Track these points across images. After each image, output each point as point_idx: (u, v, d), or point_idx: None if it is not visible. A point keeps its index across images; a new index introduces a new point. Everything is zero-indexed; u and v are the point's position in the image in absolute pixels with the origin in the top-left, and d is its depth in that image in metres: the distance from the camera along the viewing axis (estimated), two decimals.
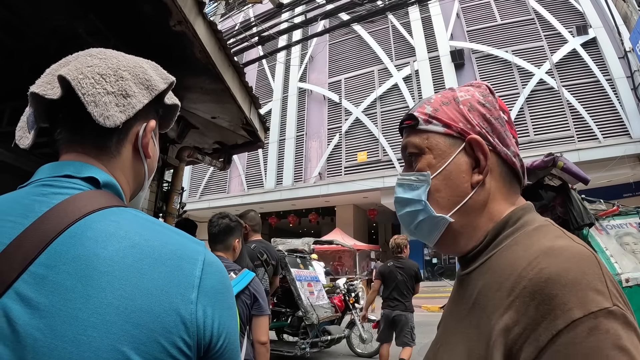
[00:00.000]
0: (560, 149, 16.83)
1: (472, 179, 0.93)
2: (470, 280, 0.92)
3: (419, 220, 0.96)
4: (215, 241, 3.08)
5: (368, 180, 21.70)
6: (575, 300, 0.64)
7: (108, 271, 0.70)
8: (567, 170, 4.36)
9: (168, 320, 0.71)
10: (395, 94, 23.51)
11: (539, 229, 0.86)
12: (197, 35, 3.22)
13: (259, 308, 2.88)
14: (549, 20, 20.90)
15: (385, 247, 29.97)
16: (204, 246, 0.85)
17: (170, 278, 0.75)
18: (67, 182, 0.83)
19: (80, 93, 0.81)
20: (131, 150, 0.95)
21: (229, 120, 4.73)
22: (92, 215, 0.77)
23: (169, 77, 1.01)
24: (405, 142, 1.03)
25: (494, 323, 0.74)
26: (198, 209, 26.77)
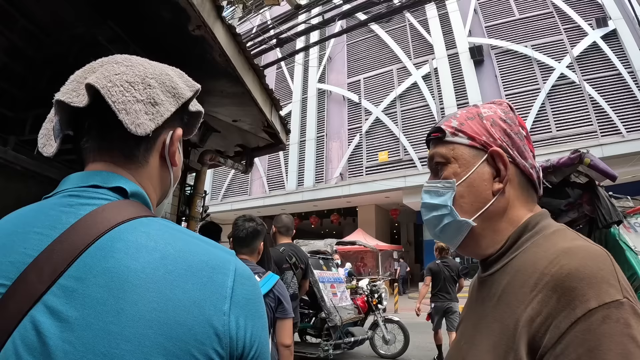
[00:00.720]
0: (583, 144, 16.66)
1: (493, 187, 1.04)
2: (494, 281, 1.01)
3: (444, 224, 1.07)
4: (241, 245, 3.06)
5: (389, 180, 21.62)
6: (592, 292, 0.73)
7: (139, 284, 0.70)
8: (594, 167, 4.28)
9: (201, 332, 0.70)
10: (415, 93, 23.41)
11: (557, 232, 0.96)
12: (216, 39, 3.22)
13: (284, 311, 2.87)
14: (567, 13, 20.58)
15: (408, 247, 30.01)
16: (235, 255, 0.85)
17: (203, 289, 0.74)
18: (94, 192, 0.82)
19: (110, 101, 0.80)
20: (158, 158, 0.95)
21: (250, 123, 4.74)
22: (121, 227, 0.76)
23: (195, 84, 1.01)
24: (432, 153, 1.14)
25: (518, 316, 0.83)
26: (220, 212, 26.97)
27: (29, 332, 0.65)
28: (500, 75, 21.14)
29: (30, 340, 0.65)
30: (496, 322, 0.91)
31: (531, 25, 21.53)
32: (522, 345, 0.79)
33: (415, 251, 30.94)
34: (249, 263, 2.98)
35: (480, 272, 1.13)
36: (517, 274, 0.92)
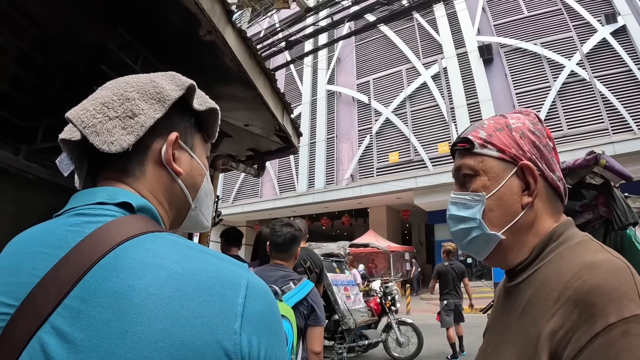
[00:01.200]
0: (595, 142, 16.59)
1: (522, 201, 1.04)
2: (519, 291, 1.03)
3: (472, 237, 1.07)
4: (279, 250, 3.05)
5: (400, 180, 21.59)
6: (612, 307, 0.74)
7: (144, 304, 0.68)
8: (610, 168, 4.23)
9: (210, 353, 0.68)
10: (425, 93, 23.37)
11: (581, 243, 0.97)
12: (227, 43, 3.21)
13: (316, 319, 2.86)
14: (576, 10, 20.46)
15: (419, 248, 29.93)
16: (247, 269, 0.81)
17: (211, 307, 0.71)
18: (100, 209, 0.81)
19: (80, 128, 0.81)
20: (157, 168, 0.92)
21: (262, 127, 4.73)
22: (127, 244, 0.75)
23: (186, 81, 0.97)
24: (459, 164, 1.13)
25: (541, 328, 0.84)
26: (231, 214, 27.05)
27: (37, 354, 0.65)
28: (510, 74, 21.04)
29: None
30: (520, 333, 0.93)
31: (540, 22, 21.43)
32: (543, 357, 0.81)
33: (427, 252, 30.83)
34: (284, 269, 3.00)
35: (506, 282, 1.14)
36: (541, 286, 0.94)
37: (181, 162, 0.94)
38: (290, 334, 2.46)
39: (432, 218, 25.22)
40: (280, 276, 2.91)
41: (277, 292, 2.71)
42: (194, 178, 0.99)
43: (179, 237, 0.83)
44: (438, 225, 25.17)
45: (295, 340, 2.54)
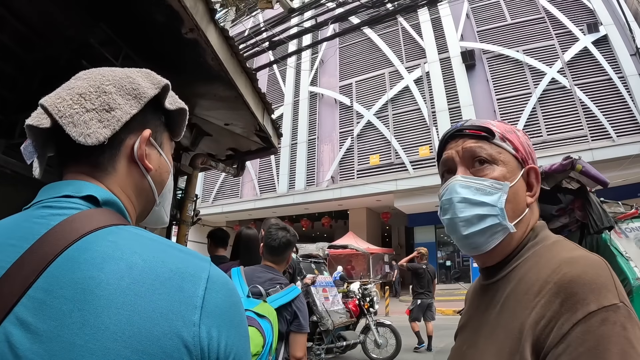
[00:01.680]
0: (574, 148, 16.82)
1: (526, 200, 1.10)
2: (497, 288, 1.05)
3: (487, 225, 1.05)
4: (272, 253, 3.05)
5: (381, 183, 21.69)
6: (592, 296, 0.78)
7: (104, 295, 0.68)
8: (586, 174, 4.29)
9: (169, 344, 0.68)
10: (407, 96, 23.48)
11: (557, 242, 1.02)
12: (209, 42, 3.20)
13: (299, 325, 2.85)
14: (559, 19, 20.77)
15: (399, 250, 30.03)
16: (210, 262, 0.82)
17: (171, 300, 0.71)
18: (66, 202, 0.81)
19: (57, 117, 0.80)
20: (128, 164, 0.92)
21: (242, 126, 4.72)
22: (90, 236, 0.75)
23: (162, 80, 0.98)
24: (475, 147, 1.11)
25: (523, 320, 0.87)
26: (211, 214, 26.91)
27: (2, 344, 0.65)
28: (491, 80, 21.25)
29: (2, 352, 0.65)
30: (500, 328, 0.95)
31: (523, 30, 21.70)
32: (527, 347, 0.84)
33: (407, 254, 30.86)
34: (274, 272, 3.01)
35: (482, 280, 1.17)
36: (520, 282, 0.97)
37: (151, 159, 0.95)
38: (269, 334, 2.46)
39: (412, 221, 25.33)
40: (268, 278, 2.91)
41: (261, 293, 2.71)
42: (162, 175, 1.01)
43: (143, 230, 0.83)
44: (418, 228, 25.28)
45: (275, 341, 2.54)
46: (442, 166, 1.19)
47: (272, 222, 3.28)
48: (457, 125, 1.18)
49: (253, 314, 2.51)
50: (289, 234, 3.08)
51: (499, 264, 1.09)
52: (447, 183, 1.12)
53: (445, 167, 1.18)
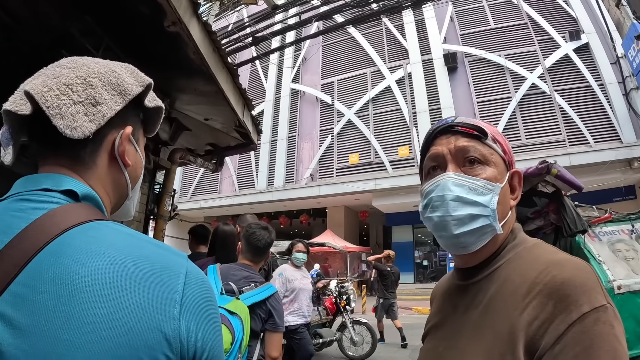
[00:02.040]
0: (552, 153, 17.01)
1: (510, 202, 1.11)
2: (479, 289, 1.05)
3: (478, 226, 1.03)
4: (255, 253, 3.06)
5: (360, 182, 21.70)
6: (584, 298, 0.81)
7: (88, 290, 0.69)
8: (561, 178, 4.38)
9: (151, 337, 0.70)
10: (388, 96, 23.52)
11: (537, 245, 1.04)
12: (191, 36, 3.18)
13: (274, 324, 2.86)
14: (542, 25, 20.99)
15: (376, 249, 30.08)
16: (187, 258, 0.84)
17: (153, 294, 0.74)
18: (45, 195, 0.82)
19: (44, 107, 0.79)
20: (108, 159, 0.93)
21: (222, 122, 4.70)
22: (71, 231, 0.75)
23: (146, 79, 0.99)
24: (468, 145, 1.10)
25: (513, 321, 0.88)
26: (189, 209, 26.72)
27: None
28: (472, 83, 21.41)
29: None
30: (486, 328, 0.95)
31: (505, 35, 21.87)
32: (519, 347, 0.85)
33: None
34: (250, 270, 3.01)
35: (458, 280, 1.16)
36: (505, 283, 0.98)
37: (129, 155, 0.96)
38: (239, 331, 2.44)
39: (389, 220, 25.45)
40: (243, 276, 2.91)
41: (234, 290, 2.71)
42: (137, 170, 1.02)
43: (122, 226, 0.84)
44: (395, 227, 25.44)
45: (246, 339, 2.53)
46: (430, 161, 1.16)
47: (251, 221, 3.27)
48: (447, 120, 1.16)
49: (224, 311, 2.50)
50: (271, 234, 3.10)
51: (480, 264, 1.08)
52: (437, 179, 1.09)
53: (433, 162, 1.15)
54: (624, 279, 4.68)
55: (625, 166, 17.08)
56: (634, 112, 17.26)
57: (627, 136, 17.38)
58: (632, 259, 4.97)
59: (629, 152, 16.87)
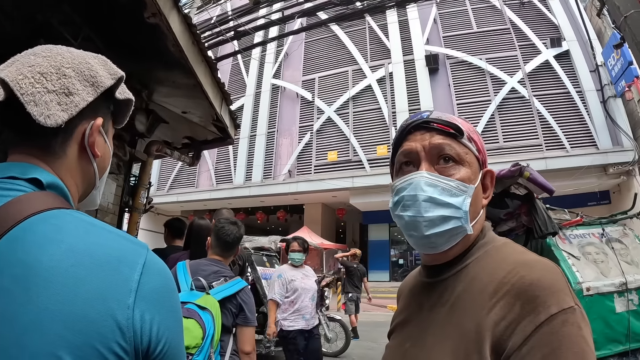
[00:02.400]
0: (529, 156, 17.24)
1: (482, 202, 1.11)
2: (446, 287, 1.04)
3: (450, 227, 1.02)
4: (224, 248, 3.06)
5: (337, 179, 21.74)
6: (552, 300, 0.81)
7: (46, 276, 0.70)
8: (533, 181, 4.45)
9: (104, 325, 0.71)
10: (368, 95, 23.58)
11: (506, 245, 1.04)
12: (170, 28, 3.16)
13: (245, 318, 2.86)
14: (524, 31, 21.28)
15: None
16: (147, 248, 0.85)
17: (108, 283, 0.74)
18: (10, 183, 0.83)
19: (19, 93, 0.81)
20: (77, 149, 0.94)
21: (200, 115, 4.67)
22: (34, 218, 0.77)
23: (118, 71, 1.01)
24: (444, 143, 1.07)
25: (480, 320, 0.87)
26: (166, 203, 26.48)
27: None
28: (453, 85, 21.58)
29: None
30: (452, 327, 0.94)
31: (488, 39, 22.12)
32: (486, 347, 0.84)
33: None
34: (219, 265, 3.00)
35: (425, 277, 1.15)
36: (472, 281, 0.97)
37: (98, 146, 0.97)
38: (210, 326, 2.44)
39: (366, 218, 25.53)
40: (213, 271, 2.91)
41: (204, 285, 2.71)
42: (105, 161, 1.04)
43: (84, 215, 0.86)
44: (372, 225, 25.52)
45: (218, 334, 2.52)
46: (403, 156, 1.12)
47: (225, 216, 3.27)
48: (422, 115, 1.12)
49: (194, 306, 2.50)
50: (240, 229, 3.10)
51: (448, 262, 1.07)
52: (410, 177, 1.06)
53: (406, 158, 1.11)
54: (593, 281, 4.77)
55: (600, 172, 17.45)
56: (611, 119, 17.64)
57: (603, 143, 17.74)
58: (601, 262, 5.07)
59: (604, 159, 17.25)
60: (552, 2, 21.28)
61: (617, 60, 15.35)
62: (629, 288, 4.89)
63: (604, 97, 18.25)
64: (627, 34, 6.55)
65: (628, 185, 17.26)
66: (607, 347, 4.62)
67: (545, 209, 4.68)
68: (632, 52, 6.75)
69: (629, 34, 6.47)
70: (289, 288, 5.89)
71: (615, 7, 6.80)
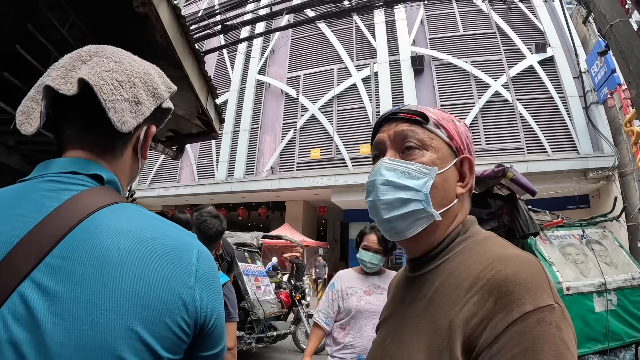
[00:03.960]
0: (510, 159, 17.45)
1: (456, 190, 1.08)
2: (425, 281, 1.03)
3: (409, 210, 1.02)
4: (207, 242, 3.02)
5: (320, 177, 21.75)
6: (528, 296, 0.77)
7: (120, 262, 0.81)
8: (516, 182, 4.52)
9: (172, 302, 0.84)
10: (353, 94, 23.57)
11: (488, 238, 1.02)
12: (159, 18, 3.13)
13: (227, 314, 2.79)
14: (509, 36, 21.42)
15: (334, 245, 30.30)
16: (196, 238, 0.99)
17: (173, 267, 0.87)
18: (74, 178, 0.91)
19: (102, 99, 0.89)
20: (131, 151, 1.05)
21: (185, 108, 4.64)
22: (101, 212, 0.87)
23: (172, 86, 1.12)
24: (406, 130, 1.10)
25: (452, 317, 0.85)
26: (147, 197, 26.27)
27: (18, 307, 0.74)
28: (437, 86, 21.66)
29: (19, 314, 0.73)
30: (428, 322, 0.93)
31: (473, 42, 22.18)
32: (457, 344, 0.82)
33: (341, 249, 31.22)
34: None
35: (408, 271, 1.16)
36: (450, 276, 0.95)
37: (145, 150, 1.10)
38: None
39: (347, 216, 25.55)
40: None
41: None
42: (143, 163, 1.15)
43: (142, 208, 0.98)
44: (353, 223, 25.52)
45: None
46: (374, 149, 1.18)
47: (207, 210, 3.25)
48: (392, 109, 1.17)
49: None
50: (222, 222, 3.09)
51: (427, 256, 1.07)
52: (374, 166, 1.11)
53: (376, 150, 1.17)
54: (573, 281, 4.87)
55: (580, 176, 17.69)
56: (593, 125, 17.89)
57: (584, 148, 17.96)
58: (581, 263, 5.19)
59: (584, 163, 17.48)
60: (539, 8, 21.45)
61: (601, 67, 15.59)
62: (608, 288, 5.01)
63: (586, 103, 18.48)
64: (612, 42, 6.66)
65: (607, 190, 17.51)
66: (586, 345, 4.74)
67: (527, 210, 4.75)
68: (616, 59, 6.86)
69: (613, 42, 6.57)
70: (342, 307, 3.54)
71: (601, 16, 6.90)
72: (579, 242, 5.48)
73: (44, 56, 3.06)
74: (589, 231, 5.70)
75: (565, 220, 5.71)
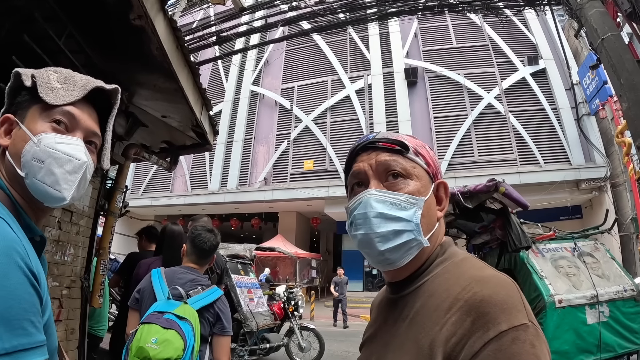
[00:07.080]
0: (503, 171, 17.56)
1: (437, 214, 1.11)
2: (406, 303, 1.06)
3: (403, 241, 1.02)
4: (201, 256, 3.00)
5: (313, 188, 21.72)
6: (503, 316, 0.80)
7: None
8: (508, 196, 4.55)
9: None
10: (347, 106, 23.69)
11: (465, 260, 1.04)
12: (156, 31, 3.13)
13: (222, 328, 2.82)
14: (502, 48, 21.75)
15: (327, 256, 30.24)
16: None
17: None
18: None
19: None
20: None
21: (179, 120, 4.63)
22: None
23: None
24: (389, 160, 1.10)
25: (433, 336, 0.88)
26: (140, 207, 26.15)
27: None
28: (431, 98, 21.83)
29: None
30: (410, 342, 0.95)
31: (466, 54, 22.50)
32: None
33: (334, 261, 31.18)
34: (195, 273, 2.95)
35: (390, 293, 1.17)
36: (430, 297, 0.98)
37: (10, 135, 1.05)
38: (190, 337, 2.42)
39: (341, 228, 25.59)
40: (189, 279, 2.86)
41: (182, 295, 2.67)
42: (16, 145, 1.04)
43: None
44: (346, 235, 25.20)
45: (197, 344, 2.50)
46: (353, 178, 1.17)
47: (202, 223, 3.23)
48: (369, 137, 1.16)
49: (174, 317, 2.47)
50: (217, 237, 3.07)
51: (408, 278, 1.09)
52: (359, 196, 1.09)
53: (355, 179, 1.16)
54: (565, 293, 4.89)
55: (573, 187, 17.88)
56: (584, 136, 18.13)
57: (576, 159, 18.21)
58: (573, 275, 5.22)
59: (577, 174, 17.74)
60: (531, 21, 21.68)
61: (592, 79, 15.75)
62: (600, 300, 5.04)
63: (578, 114, 18.75)
64: (603, 56, 6.73)
65: (599, 200, 17.71)
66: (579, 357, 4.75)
67: (519, 224, 4.77)
68: (607, 72, 6.93)
69: (605, 56, 6.64)
70: None
71: (592, 29, 6.98)
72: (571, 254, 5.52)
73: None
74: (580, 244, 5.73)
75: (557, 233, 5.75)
